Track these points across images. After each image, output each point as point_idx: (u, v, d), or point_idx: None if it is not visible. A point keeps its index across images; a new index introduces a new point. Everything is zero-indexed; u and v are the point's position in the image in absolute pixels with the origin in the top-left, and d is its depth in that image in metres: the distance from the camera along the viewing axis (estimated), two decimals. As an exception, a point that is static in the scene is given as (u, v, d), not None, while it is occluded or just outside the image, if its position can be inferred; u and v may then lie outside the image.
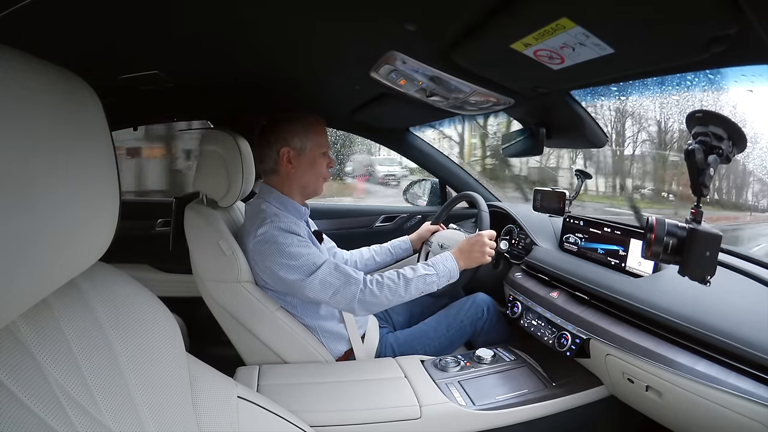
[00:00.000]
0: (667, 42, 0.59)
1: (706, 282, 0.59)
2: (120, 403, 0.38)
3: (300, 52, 0.86)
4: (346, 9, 0.64)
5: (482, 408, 0.91)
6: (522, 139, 1.24)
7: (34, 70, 0.31)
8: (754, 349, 0.67)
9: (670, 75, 0.77)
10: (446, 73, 0.88)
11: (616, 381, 0.93)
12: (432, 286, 1.06)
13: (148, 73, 0.98)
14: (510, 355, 1.11)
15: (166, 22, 0.69)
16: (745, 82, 0.75)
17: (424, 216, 1.85)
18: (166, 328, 0.46)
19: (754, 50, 0.56)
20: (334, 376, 0.99)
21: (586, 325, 0.96)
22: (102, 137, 0.36)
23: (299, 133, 1.07)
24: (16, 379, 0.32)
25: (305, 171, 1.09)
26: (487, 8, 0.59)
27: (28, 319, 0.35)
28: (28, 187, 0.29)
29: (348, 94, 1.23)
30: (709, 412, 0.71)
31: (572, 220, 1.22)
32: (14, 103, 0.28)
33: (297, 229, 1.02)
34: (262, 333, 1.04)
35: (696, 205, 0.62)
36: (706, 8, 0.48)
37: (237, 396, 0.52)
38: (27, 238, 0.29)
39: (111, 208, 0.38)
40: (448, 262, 1.09)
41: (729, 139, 0.60)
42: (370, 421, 0.87)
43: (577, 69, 0.71)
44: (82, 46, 0.78)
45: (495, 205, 1.56)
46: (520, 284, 1.23)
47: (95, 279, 0.42)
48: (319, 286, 0.98)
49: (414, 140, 1.79)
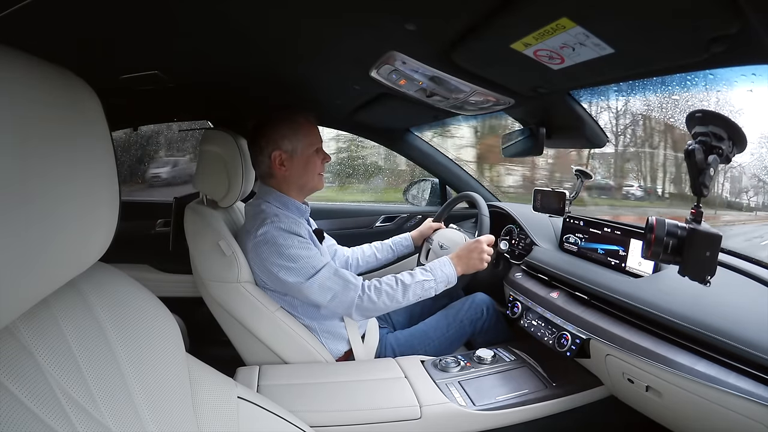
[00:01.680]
0: (667, 42, 0.59)
1: (706, 282, 0.59)
2: (120, 403, 0.38)
3: (300, 52, 0.86)
4: (346, 9, 0.64)
5: (482, 408, 0.91)
6: (522, 139, 1.24)
7: (34, 70, 0.31)
8: (754, 349, 0.66)
9: (670, 75, 0.77)
10: (446, 73, 0.88)
11: (616, 381, 0.93)
12: (430, 292, 1.07)
13: (148, 73, 0.98)
14: (510, 356, 1.11)
15: (166, 22, 0.69)
16: (745, 82, 0.75)
17: (424, 216, 1.85)
18: (166, 329, 0.46)
19: (754, 50, 0.56)
20: (334, 376, 0.99)
21: (586, 326, 0.96)
22: (102, 137, 0.36)
23: (288, 135, 1.06)
24: (16, 379, 0.32)
25: (300, 172, 1.09)
26: (487, 8, 0.59)
27: (28, 320, 0.34)
28: (28, 187, 0.29)
29: (348, 94, 1.23)
30: (709, 412, 0.71)
31: (572, 220, 1.22)
32: (14, 104, 0.28)
33: (298, 229, 1.02)
34: (262, 333, 1.04)
35: (696, 205, 0.62)
36: (706, 8, 0.48)
37: (237, 396, 0.52)
38: (27, 238, 0.29)
39: (111, 208, 0.38)
40: (446, 268, 1.09)
41: (729, 139, 0.60)
42: (370, 422, 0.87)
43: (577, 69, 0.71)
44: (82, 47, 0.78)
45: (495, 205, 1.56)
46: (520, 284, 1.23)
47: (95, 279, 0.42)
48: (318, 290, 0.98)
49: (414, 140, 1.79)
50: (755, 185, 2.39)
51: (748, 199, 2.43)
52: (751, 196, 2.40)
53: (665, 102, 1.42)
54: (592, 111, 1.07)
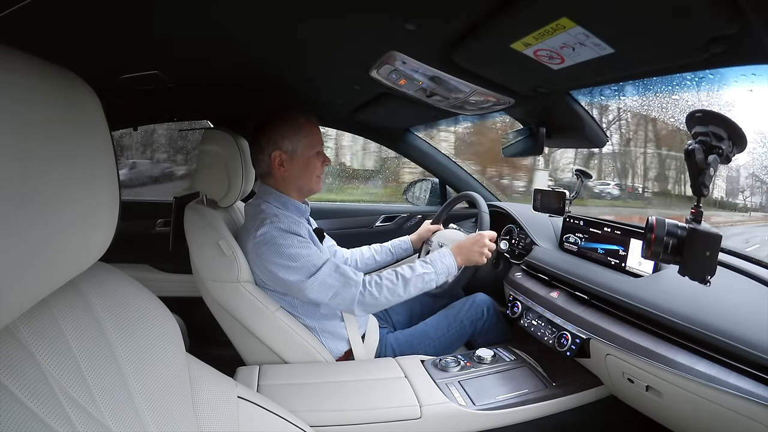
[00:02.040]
0: (667, 42, 0.59)
1: (706, 282, 0.59)
2: (120, 403, 0.38)
3: (300, 52, 0.86)
4: (346, 9, 0.64)
5: (482, 408, 0.91)
6: (522, 139, 1.24)
7: (34, 70, 0.31)
8: (754, 349, 0.66)
9: (669, 75, 0.77)
10: (446, 73, 0.88)
11: (616, 381, 0.93)
12: (431, 284, 1.06)
13: (148, 73, 0.98)
14: (510, 355, 1.11)
15: (166, 22, 0.69)
16: (745, 82, 0.75)
17: (424, 216, 1.85)
18: (166, 328, 0.46)
19: (754, 50, 0.56)
20: (334, 376, 0.99)
21: (586, 325, 0.96)
22: (102, 137, 0.36)
23: (288, 136, 1.05)
24: (16, 379, 0.32)
25: (299, 173, 1.08)
26: (487, 8, 0.59)
27: (28, 319, 0.34)
28: (27, 187, 0.29)
29: (348, 94, 1.23)
30: (709, 412, 0.71)
31: (572, 220, 1.22)
32: (14, 103, 0.28)
33: (297, 229, 1.02)
34: (262, 333, 1.04)
35: (696, 205, 0.62)
36: (706, 8, 0.48)
37: (237, 396, 0.52)
38: (27, 238, 0.29)
39: (111, 208, 0.38)
40: (446, 259, 1.09)
41: (729, 138, 0.60)
42: (370, 421, 0.87)
43: (577, 69, 0.71)
44: (82, 46, 0.78)
45: (495, 205, 1.56)
46: (520, 284, 1.23)
47: (95, 279, 0.42)
48: (319, 287, 0.98)
49: (414, 140, 1.79)
50: (752, 185, 2.39)
51: (744, 199, 2.43)
52: (747, 196, 2.40)
53: (642, 100, 1.42)
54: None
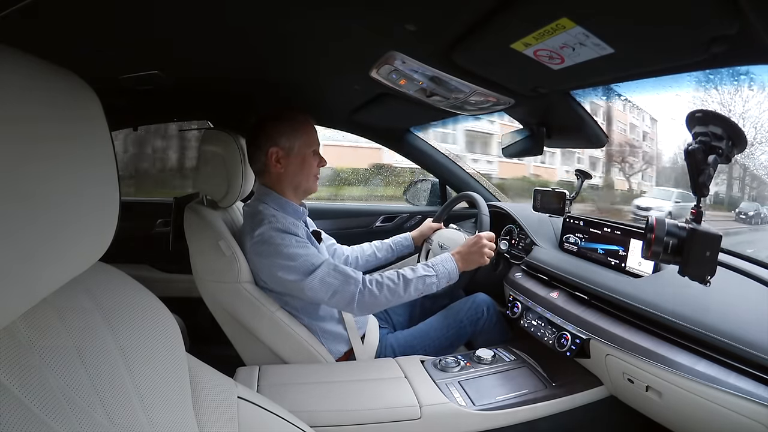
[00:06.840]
0: (667, 42, 0.59)
1: (706, 282, 0.59)
2: (120, 403, 0.38)
3: (299, 52, 0.87)
4: (346, 9, 0.64)
5: (482, 408, 0.91)
6: (522, 139, 1.24)
7: (34, 70, 0.31)
8: (754, 349, 0.66)
9: (669, 75, 0.77)
10: (446, 73, 0.88)
11: (616, 381, 0.93)
12: (431, 288, 1.06)
13: (148, 73, 0.98)
14: (510, 355, 1.11)
15: (166, 22, 0.69)
16: (745, 81, 0.75)
17: (424, 216, 1.85)
18: (167, 328, 0.46)
19: (754, 50, 0.56)
20: (334, 376, 0.99)
21: (586, 325, 0.96)
22: (102, 137, 0.36)
23: (286, 133, 1.06)
24: (16, 379, 0.32)
25: (295, 171, 1.08)
26: (487, 8, 0.59)
27: (28, 319, 0.34)
28: (27, 187, 0.28)
29: (348, 94, 1.23)
30: (709, 413, 0.71)
31: (572, 220, 1.22)
32: (14, 103, 0.28)
33: (295, 229, 1.02)
34: (262, 333, 1.04)
35: (696, 205, 0.62)
36: (706, 8, 0.48)
37: (237, 396, 0.52)
38: (27, 238, 0.29)
39: (111, 208, 0.38)
40: (448, 264, 1.09)
41: (729, 138, 0.60)
42: (370, 422, 0.86)
43: (577, 69, 0.71)
44: (82, 46, 0.78)
45: (495, 205, 1.56)
46: (520, 284, 1.23)
47: (95, 279, 0.42)
48: (318, 286, 0.98)
49: (414, 140, 1.79)
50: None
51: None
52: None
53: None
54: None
